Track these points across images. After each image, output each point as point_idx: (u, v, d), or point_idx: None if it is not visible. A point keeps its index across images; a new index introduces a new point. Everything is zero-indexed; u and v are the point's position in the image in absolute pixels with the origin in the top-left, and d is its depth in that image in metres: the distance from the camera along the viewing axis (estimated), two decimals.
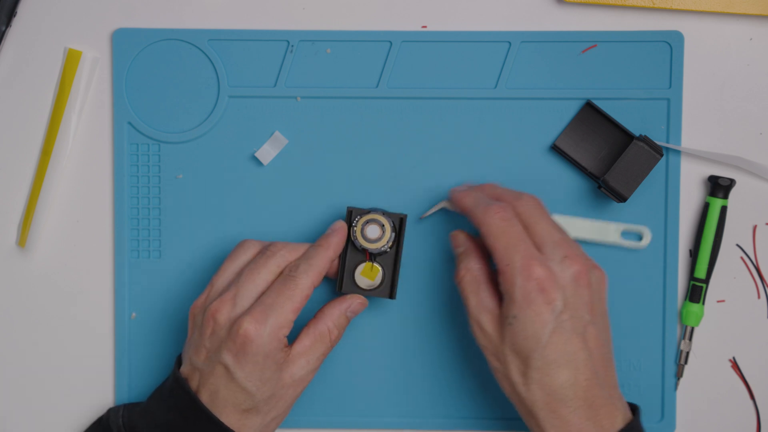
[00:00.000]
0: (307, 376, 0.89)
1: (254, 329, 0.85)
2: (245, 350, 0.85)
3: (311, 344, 0.89)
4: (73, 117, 0.96)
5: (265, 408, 0.88)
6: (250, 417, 0.88)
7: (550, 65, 0.95)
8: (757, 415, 0.97)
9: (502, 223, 0.86)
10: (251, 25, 0.96)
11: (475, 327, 0.87)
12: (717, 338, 0.97)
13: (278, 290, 0.87)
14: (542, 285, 0.83)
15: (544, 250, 0.85)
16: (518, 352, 0.84)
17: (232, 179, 0.96)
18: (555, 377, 0.84)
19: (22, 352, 0.97)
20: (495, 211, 0.86)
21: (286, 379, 0.88)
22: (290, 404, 0.89)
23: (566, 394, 0.84)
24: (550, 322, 0.83)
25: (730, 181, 0.95)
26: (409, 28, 0.96)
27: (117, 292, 0.96)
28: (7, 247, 0.97)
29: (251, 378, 0.86)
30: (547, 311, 0.83)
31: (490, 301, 0.87)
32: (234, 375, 0.86)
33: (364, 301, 0.91)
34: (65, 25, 0.96)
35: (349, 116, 0.96)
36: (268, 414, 0.88)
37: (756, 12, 0.94)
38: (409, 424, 0.97)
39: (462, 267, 0.89)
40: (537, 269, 0.84)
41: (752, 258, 0.97)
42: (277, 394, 0.88)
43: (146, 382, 0.97)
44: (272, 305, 0.86)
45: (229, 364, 0.86)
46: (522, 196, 0.88)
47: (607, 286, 0.88)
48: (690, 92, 0.96)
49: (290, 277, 0.88)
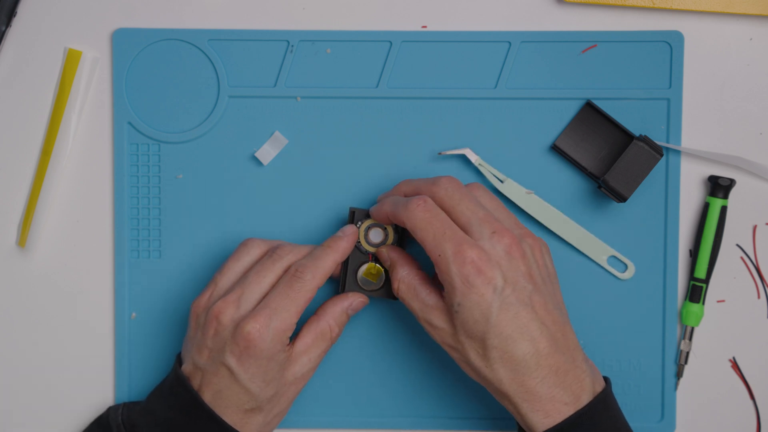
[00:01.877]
0: (309, 373, 0.89)
1: (258, 332, 0.85)
2: (249, 353, 0.86)
3: (312, 342, 0.89)
4: (73, 117, 0.96)
5: (267, 407, 0.88)
6: (253, 416, 0.88)
7: (550, 65, 0.95)
8: (757, 415, 0.97)
9: (425, 215, 0.86)
10: (251, 25, 0.96)
11: (427, 327, 0.88)
12: (717, 338, 0.97)
13: (283, 292, 0.87)
14: (478, 266, 0.84)
15: (471, 230, 0.86)
16: (472, 337, 0.85)
17: (232, 179, 0.96)
18: (514, 352, 0.84)
19: (22, 352, 0.97)
20: (415, 206, 0.86)
21: (288, 378, 0.88)
22: (291, 400, 0.90)
23: (529, 366, 0.84)
24: (495, 300, 0.84)
25: (730, 181, 0.95)
26: (409, 28, 0.96)
27: (117, 292, 0.96)
28: (7, 247, 0.97)
29: (255, 380, 0.86)
30: (488, 291, 0.84)
31: (431, 298, 0.87)
32: (237, 377, 0.86)
33: (365, 299, 0.92)
34: (65, 25, 0.96)
35: (349, 116, 0.96)
36: (271, 412, 0.89)
37: (756, 12, 0.94)
38: (410, 423, 0.97)
39: (394, 279, 0.89)
40: (469, 252, 0.84)
41: (752, 258, 0.97)
42: (279, 392, 0.88)
43: (146, 381, 0.97)
44: (276, 309, 0.86)
45: (232, 366, 0.86)
46: (437, 181, 0.88)
47: (545, 250, 0.88)
48: (690, 92, 0.96)
49: (295, 278, 0.88)
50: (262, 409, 0.88)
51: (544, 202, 0.95)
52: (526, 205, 0.95)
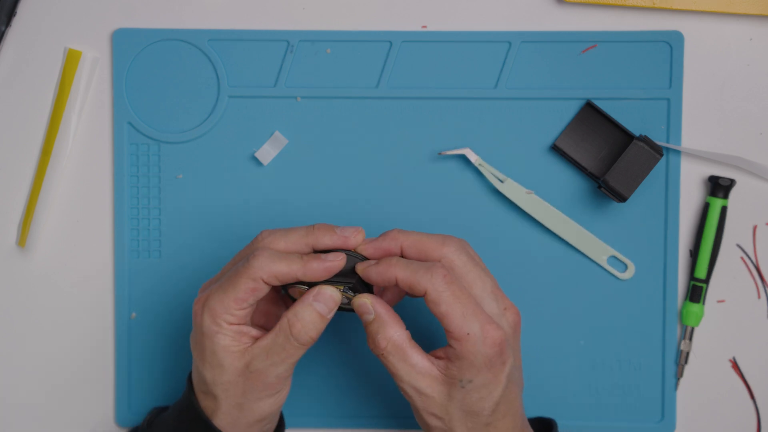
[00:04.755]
0: (268, 370, 0.83)
1: (197, 308, 0.84)
2: (194, 329, 0.85)
3: (272, 335, 0.83)
4: (73, 117, 0.96)
5: (222, 395, 0.84)
6: (212, 402, 0.85)
7: (550, 65, 0.95)
8: (757, 415, 0.97)
9: (453, 289, 0.82)
10: (251, 25, 0.96)
11: (411, 391, 0.83)
12: (717, 338, 0.97)
13: (229, 275, 0.83)
14: (500, 348, 0.82)
15: (485, 303, 0.84)
16: (469, 412, 0.83)
17: (232, 179, 0.96)
18: (500, 427, 0.84)
19: (22, 352, 0.97)
20: (441, 277, 0.82)
21: (239, 367, 0.83)
22: (259, 400, 0.85)
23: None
24: (504, 380, 0.83)
25: (730, 181, 0.95)
26: (409, 28, 0.96)
27: (117, 292, 0.96)
28: (7, 247, 0.97)
29: (199, 357, 0.84)
30: (502, 371, 0.83)
31: (425, 364, 0.83)
32: (194, 354, 0.85)
33: (334, 291, 0.84)
34: (65, 25, 0.96)
35: (349, 116, 0.96)
36: (227, 402, 0.84)
37: (756, 12, 0.94)
38: (410, 424, 0.97)
39: (380, 338, 0.82)
40: (494, 333, 0.82)
41: (752, 258, 0.97)
42: (232, 381, 0.84)
43: (146, 381, 0.97)
44: (216, 290, 0.83)
45: (191, 343, 0.86)
46: (447, 243, 0.84)
47: None
48: (690, 92, 0.96)
49: (243, 262, 0.83)
50: (216, 396, 0.84)
51: (544, 202, 0.95)
52: (526, 205, 0.95)
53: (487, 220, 0.96)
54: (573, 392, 0.97)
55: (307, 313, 0.83)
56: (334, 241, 0.84)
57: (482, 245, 0.95)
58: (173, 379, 0.97)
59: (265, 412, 0.85)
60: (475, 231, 0.96)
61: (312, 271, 0.83)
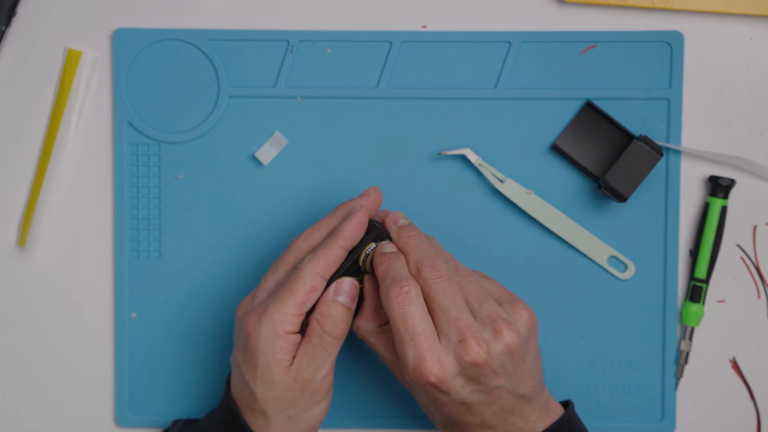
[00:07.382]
0: (313, 375, 0.85)
1: (252, 324, 0.84)
2: (247, 346, 0.84)
3: (307, 340, 0.85)
4: (73, 117, 0.96)
5: (272, 411, 0.85)
6: (263, 419, 0.85)
7: (550, 65, 0.95)
8: (757, 415, 0.97)
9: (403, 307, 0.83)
10: (251, 25, 0.96)
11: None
12: (717, 338, 0.97)
13: (283, 284, 0.85)
14: (435, 387, 0.83)
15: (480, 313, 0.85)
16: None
17: (232, 179, 0.96)
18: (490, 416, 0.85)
19: (22, 352, 0.97)
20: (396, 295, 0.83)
21: (289, 381, 0.84)
22: (308, 409, 0.86)
23: None
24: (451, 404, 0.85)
25: (730, 181, 0.95)
26: (409, 28, 0.96)
27: (117, 292, 0.96)
28: (7, 247, 0.97)
29: (252, 376, 0.84)
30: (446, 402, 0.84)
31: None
32: (242, 371, 0.85)
33: (352, 281, 0.86)
34: (65, 25, 0.96)
35: (349, 116, 0.96)
36: (279, 418, 0.85)
37: (756, 12, 0.94)
38: (409, 424, 0.97)
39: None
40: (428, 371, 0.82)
41: (752, 258, 0.97)
42: (283, 396, 0.85)
43: (146, 381, 0.97)
44: (273, 300, 0.84)
45: (239, 361, 0.85)
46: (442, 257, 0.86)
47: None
48: (690, 92, 0.96)
49: (294, 269, 0.85)
50: (267, 413, 0.85)
51: (544, 202, 0.95)
52: (526, 205, 0.95)
53: (487, 220, 0.96)
54: (573, 392, 0.97)
55: (332, 308, 0.85)
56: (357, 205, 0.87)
57: (482, 245, 0.95)
58: (173, 379, 0.97)
59: (313, 421, 0.87)
60: (475, 231, 0.96)
61: (349, 232, 0.85)
